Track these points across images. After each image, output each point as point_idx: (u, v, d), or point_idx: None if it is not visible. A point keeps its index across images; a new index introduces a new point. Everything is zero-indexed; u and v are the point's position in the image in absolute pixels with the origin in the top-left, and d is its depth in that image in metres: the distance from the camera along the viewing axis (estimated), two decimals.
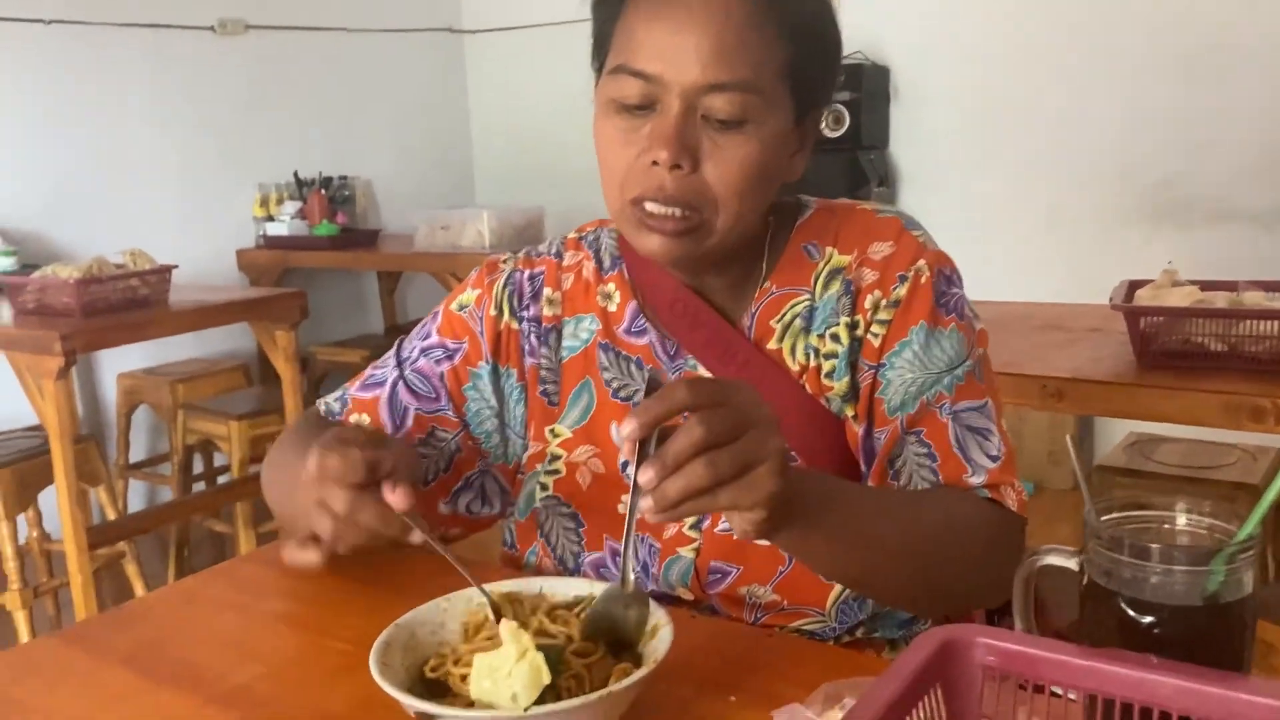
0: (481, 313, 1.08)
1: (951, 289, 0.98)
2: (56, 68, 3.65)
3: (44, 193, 3.63)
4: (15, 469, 2.75)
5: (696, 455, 0.69)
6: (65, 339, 2.52)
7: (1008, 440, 0.98)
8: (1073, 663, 0.60)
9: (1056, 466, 3.61)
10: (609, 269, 1.07)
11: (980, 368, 0.99)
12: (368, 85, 4.64)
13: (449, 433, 1.07)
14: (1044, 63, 3.65)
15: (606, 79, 0.93)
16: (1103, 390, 1.73)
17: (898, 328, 0.96)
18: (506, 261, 1.11)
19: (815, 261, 1.00)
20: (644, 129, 0.90)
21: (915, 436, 0.96)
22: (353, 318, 4.65)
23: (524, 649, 0.68)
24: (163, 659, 0.88)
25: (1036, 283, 3.27)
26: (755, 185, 0.92)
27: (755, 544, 0.96)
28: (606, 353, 1.04)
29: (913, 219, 1.02)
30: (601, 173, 0.95)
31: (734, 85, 0.88)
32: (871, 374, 0.97)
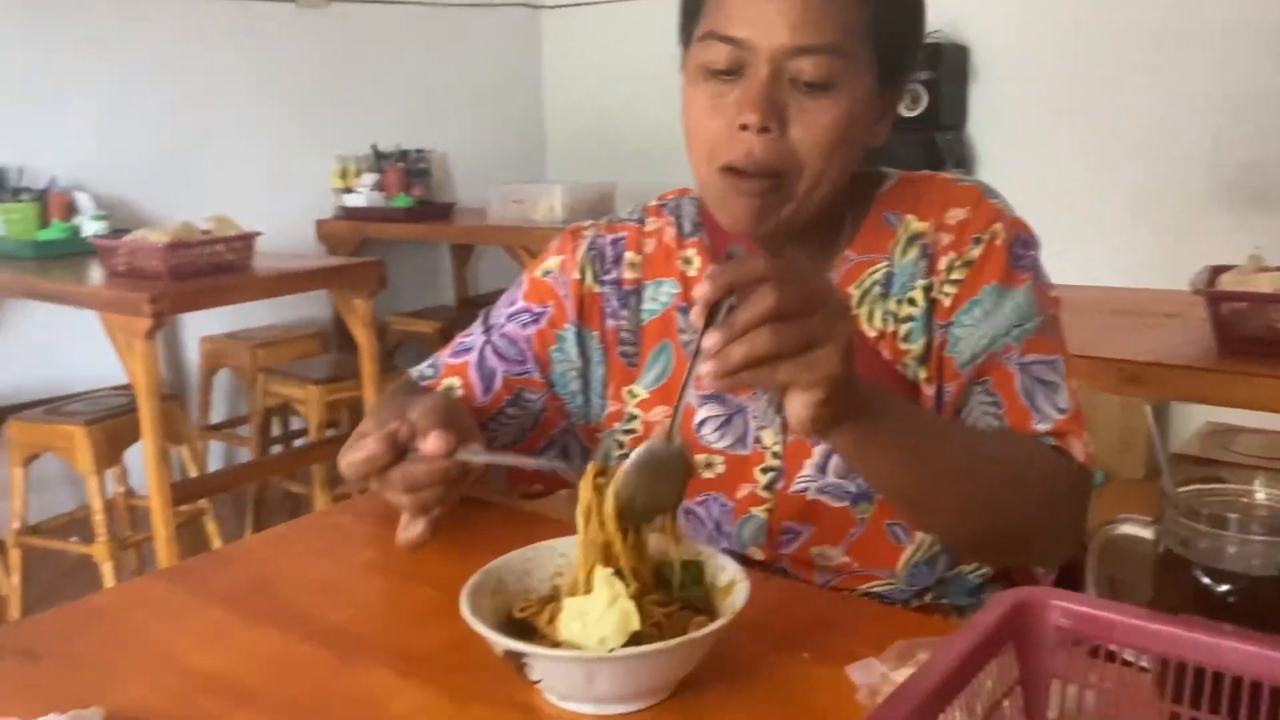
0: (565, 277, 1.11)
1: (1028, 251, 0.99)
2: (148, 39, 3.75)
3: (134, 160, 3.74)
4: (104, 426, 2.85)
5: (763, 324, 0.70)
6: (154, 301, 2.61)
7: (1076, 397, 0.98)
8: (1147, 627, 0.61)
9: (1128, 455, 3.55)
10: (689, 234, 1.10)
11: (1051, 327, 0.99)
12: (445, 60, 4.70)
13: (536, 394, 1.10)
14: (1131, 43, 3.57)
15: (695, 47, 0.95)
16: (1181, 375, 1.71)
17: (969, 287, 0.97)
18: (589, 229, 1.14)
19: (894, 229, 1.02)
20: (732, 95, 0.92)
21: (982, 386, 0.97)
22: (426, 289, 4.72)
23: (615, 595, 0.71)
24: (259, 599, 0.93)
25: (1119, 268, 3.21)
26: (840, 148, 0.93)
27: (827, 505, 0.98)
28: (685, 316, 1.07)
29: (992, 188, 1.03)
30: (688, 142, 0.97)
31: (821, 48, 0.89)
32: (942, 332, 0.98)
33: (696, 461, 1.02)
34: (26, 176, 3.39)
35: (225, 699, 0.77)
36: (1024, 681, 0.63)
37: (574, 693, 0.71)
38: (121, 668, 0.82)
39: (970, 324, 0.97)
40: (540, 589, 0.81)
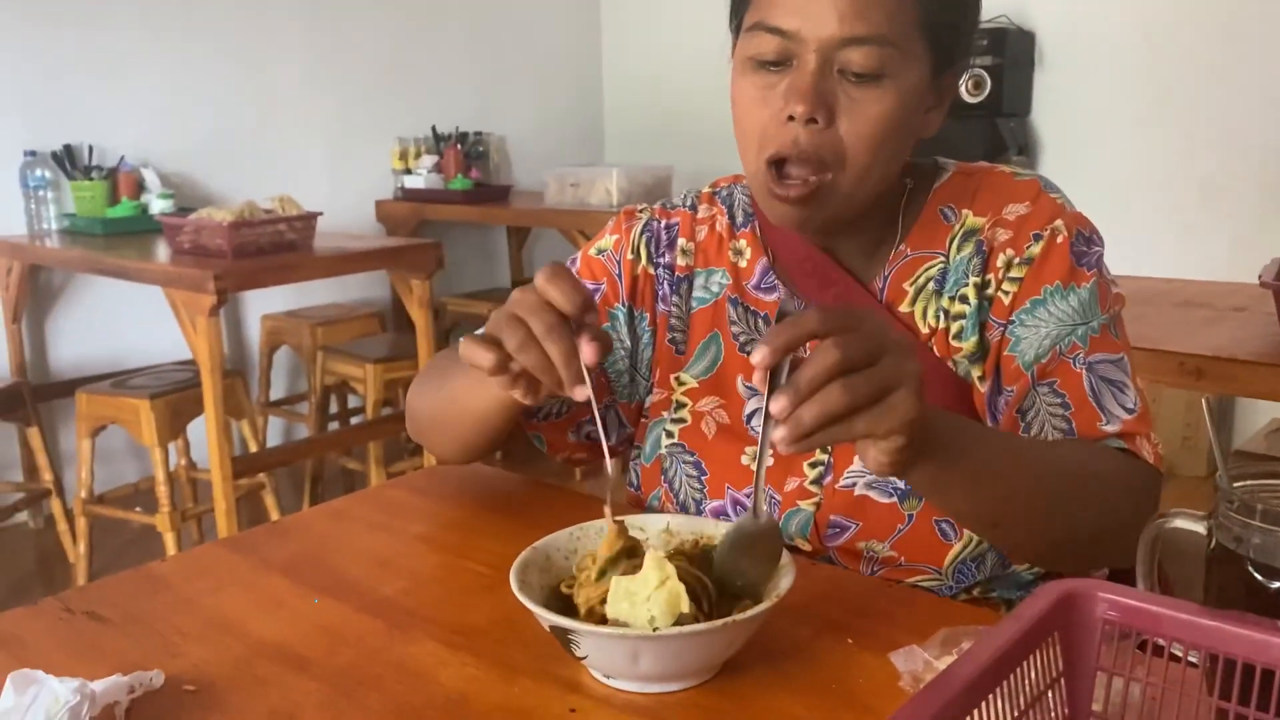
0: (619, 256, 1.11)
1: (1091, 249, 0.97)
2: (213, 17, 3.82)
3: (199, 138, 3.82)
4: (168, 399, 2.92)
5: (831, 380, 0.68)
6: (218, 278, 2.66)
7: (1144, 396, 0.96)
8: (1197, 622, 0.60)
9: (1190, 452, 3.49)
10: (741, 225, 1.09)
11: (1115, 324, 0.97)
12: (505, 43, 4.72)
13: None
14: (1202, 32, 3.48)
15: (744, 37, 0.94)
16: (1245, 369, 1.68)
17: (1030, 285, 0.95)
18: (643, 211, 1.14)
19: (951, 224, 1.00)
20: (780, 86, 0.91)
21: (1048, 387, 0.95)
22: (482, 271, 4.76)
23: (665, 576, 0.71)
24: (316, 569, 0.95)
25: (1186, 260, 3.15)
26: (889, 141, 0.92)
27: (874, 500, 0.98)
28: (735, 307, 1.07)
29: (1052, 182, 1.01)
30: (736, 133, 0.96)
31: (870, 39, 0.88)
32: (1000, 331, 0.96)
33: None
34: (96, 155, 3.47)
35: (281, 665, 0.79)
36: (1068, 673, 0.63)
37: (619, 670, 0.72)
38: (182, 633, 0.84)
39: (1033, 324, 0.95)
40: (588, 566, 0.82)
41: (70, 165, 3.40)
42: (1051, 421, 0.95)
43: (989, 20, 3.72)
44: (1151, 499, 0.93)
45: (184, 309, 2.80)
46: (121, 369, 3.35)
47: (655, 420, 1.10)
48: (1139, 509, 0.90)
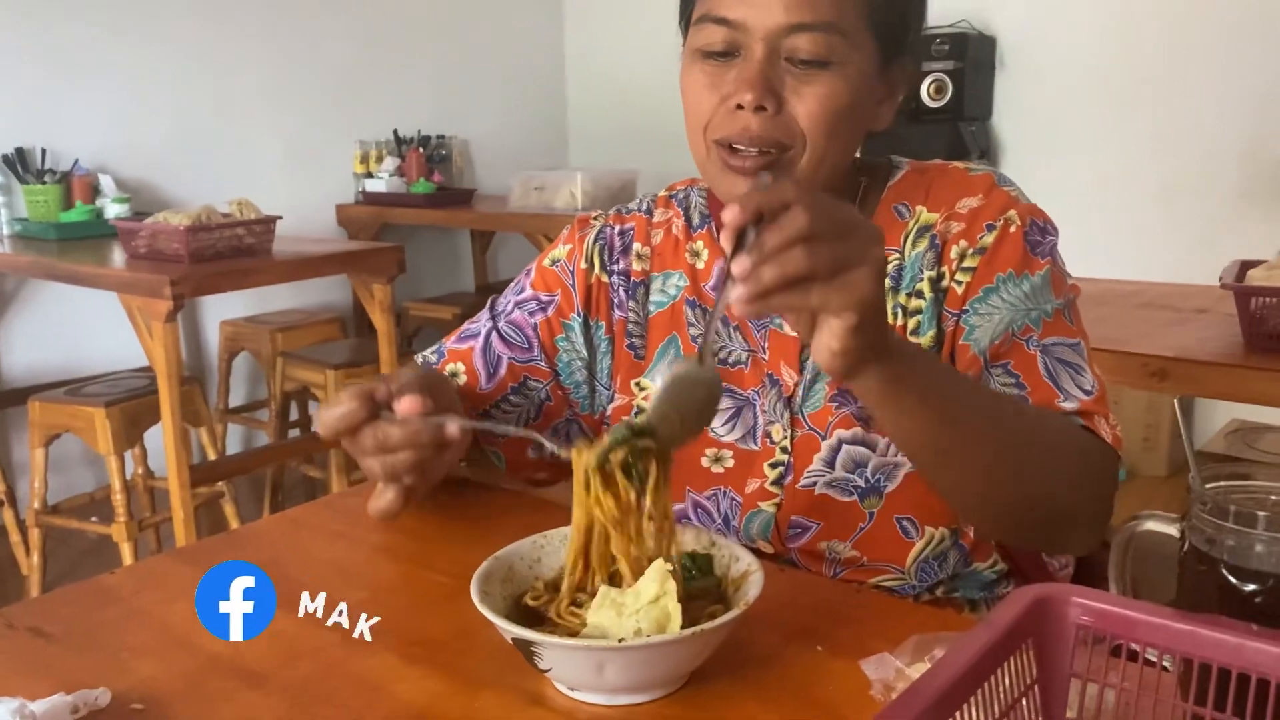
0: (573, 266, 1.11)
1: (1045, 238, 0.97)
2: (171, 21, 3.76)
3: (157, 142, 3.75)
4: (124, 407, 2.86)
5: (795, 244, 0.68)
6: (174, 283, 2.61)
7: (1101, 381, 0.96)
8: (1170, 626, 0.59)
9: (1151, 453, 3.52)
10: (698, 226, 1.09)
11: (1070, 310, 0.97)
12: (468, 46, 4.69)
13: (540, 382, 1.10)
14: (1161, 36, 3.52)
15: (692, 30, 0.95)
16: (1207, 371, 1.69)
17: (983, 274, 0.95)
18: (597, 218, 1.13)
19: (905, 220, 1.00)
20: (728, 75, 0.92)
21: (1002, 368, 0.94)
22: (446, 275, 4.72)
23: (662, 593, 0.69)
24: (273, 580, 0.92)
25: (1147, 262, 3.17)
26: (842, 124, 0.92)
27: (835, 500, 0.97)
28: (693, 309, 1.07)
29: (1006, 176, 1.01)
30: (686, 121, 0.97)
31: (816, 26, 0.89)
32: (954, 320, 0.96)
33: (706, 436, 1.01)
34: (50, 158, 3.41)
35: (234, 680, 0.77)
36: (1042, 680, 0.62)
37: (584, 682, 0.70)
38: (131, 648, 0.81)
39: (986, 311, 0.95)
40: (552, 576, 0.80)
41: (23, 168, 3.33)
42: None
43: (950, 25, 3.75)
44: (1110, 478, 0.93)
45: (140, 315, 2.74)
46: (76, 376, 3.28)
47: (616, 425, 1.09)
48: (1099, 485, 0.90)
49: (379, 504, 0.89)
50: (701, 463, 1.04)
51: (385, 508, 0.89)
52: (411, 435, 0.84)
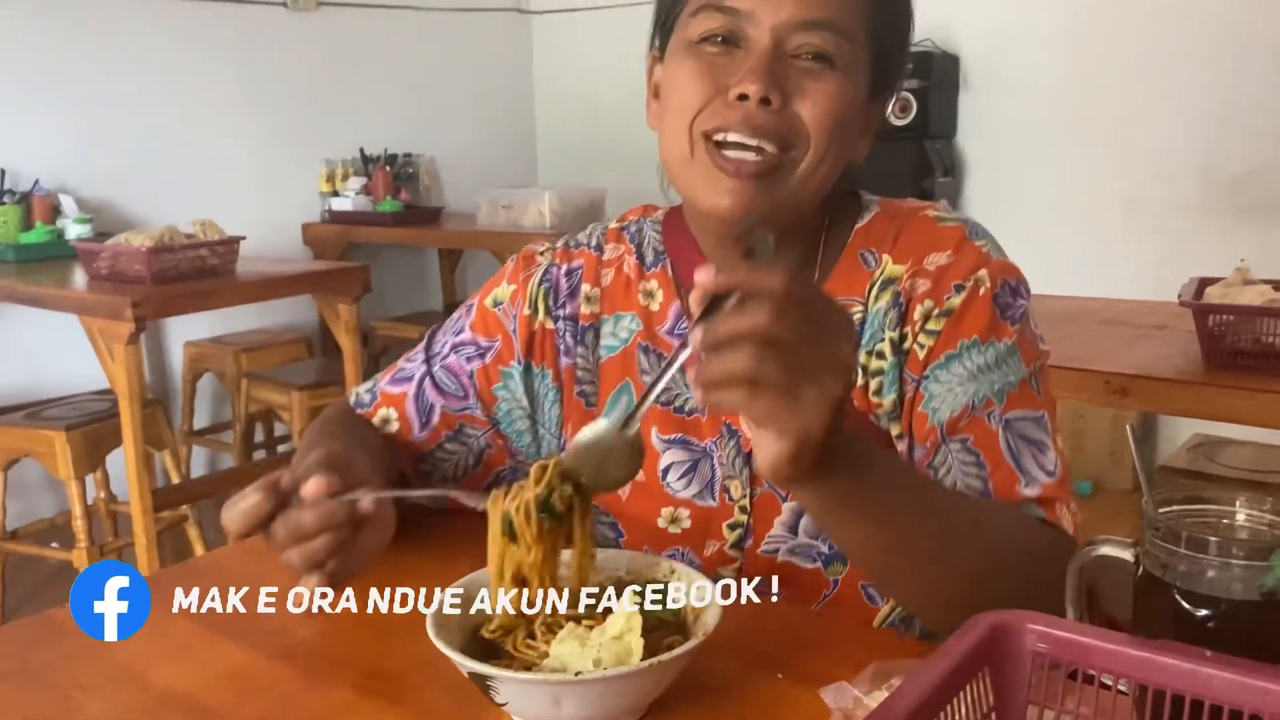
0: (516, 310, 1.04)
1: (1017, 300, 0.91)
2: (135, 41, 3.73)
3: (119, 163, 3.71)
4: (85, 431, 2.83)
5: (748, 340, 0.62)
6: (136, 305, 2.59)
7: (1064, 457, 0.91)
8: (1125, 652, 0.59)
9: (1117, 466, 3.55)
10: (651, 265, 1.03)
11: (1038, 380, 0.91)
12: (435, 64, 4.68)
13: (478, 430, 1.05)
14: (1122, 55, 3.57)
15: (688, 21, 0.89)
16: (1168, 388, 1.71)
17: (947, 339, 0.90)
18: (544, 254, 1.07)
19: (871, 270, 0.95)
20: (729, 65, 0.87)
21: (960, 444, 0.88)
22: (413, 294, 4.70)
23: (628, 629, 0.69)
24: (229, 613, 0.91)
25: (1110, 278, 3.21)
26: (843, 131, 0.88)
27: (798, 566, 0.94)
28: (647, 355, 1.00)
29: (979, 227, 0.95)
30: (668, 117, 0.90)
31: (827, 24, 0.86)
32: (914, 386, 0.91)
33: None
34: (9, 179, 3.36)
35: (184, 718, 0.75)
36: (999, 707, 0.62)
37: (541, 716, 0.70)
38: (80, 685, 0.80)
39: (946, 380, 0.89)
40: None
41: None
42: (965, 480, 0.88)
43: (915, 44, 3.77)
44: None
45: (101, 337, 2.71)
46: (35, 399, 3.23)
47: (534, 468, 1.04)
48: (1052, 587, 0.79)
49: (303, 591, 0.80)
50: (658, 524, 0.99)
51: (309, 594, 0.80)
52: (324, 518, 0.78)
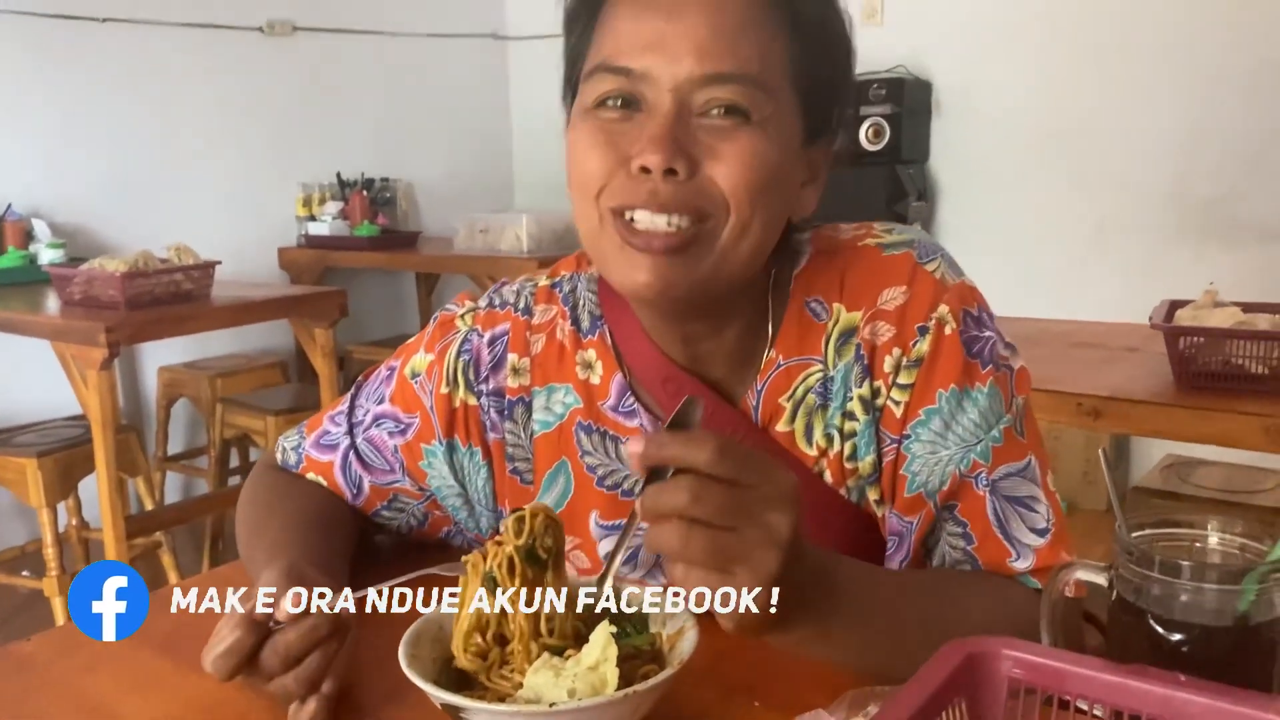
0: (432, 386, 0.95)
1: (983, 332, 0.85)
2: (109, 65, 3.72)
3: (93, 187, 3.69)
4: (57, 457, 2.80)
5: (674, 519, 0.61)
6: (110, 330, 2.57)
7: (1056, 504, 0.86)
8: (1100, 678, 0.60)
9: (1091, 487, 3.57)
10: (589, 331, 0.92)
11: (1021, 420, 0.86)
12: (412, 89, 4.69)
13: (413, 500, 1.00)
14: (1093, 78, 3.62)
15: (583, 88, 0.80)
16: (1140, 410, 1.72)
17: (922, 392, 0.84)
18: (464, 318, 0.97)
19: (823, 322, 0.87)
20: (628, 133, 0.77)
21: (949, 513, 0.85)
22: (390, 318, 4.69)
23: (604, 659, 0.68)
24: (198, 644, 0.89)
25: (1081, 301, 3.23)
26: (768, 191, 0.78)
27: None
28: (589, 435, 0.92)
29: (927, 243, 0.88)
30: (573, 192, 0.81)
31: (737, 76, 0.75)
32: (895, 447, 0.85)
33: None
34: None
35: None
36: None
37: None
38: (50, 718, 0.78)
39: (929, 438, 0.84)
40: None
41: None
42: (952, 554, 0.85)
43: (887, 70, 3.82)
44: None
45: (74, 363, 2.69)
46: (7, 426, 3.19)
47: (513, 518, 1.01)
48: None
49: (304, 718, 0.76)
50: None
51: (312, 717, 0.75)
52: (311, 634, 0.76)
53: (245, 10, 4.08)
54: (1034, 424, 0.88)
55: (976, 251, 0.99)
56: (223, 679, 0.76)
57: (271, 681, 0.76)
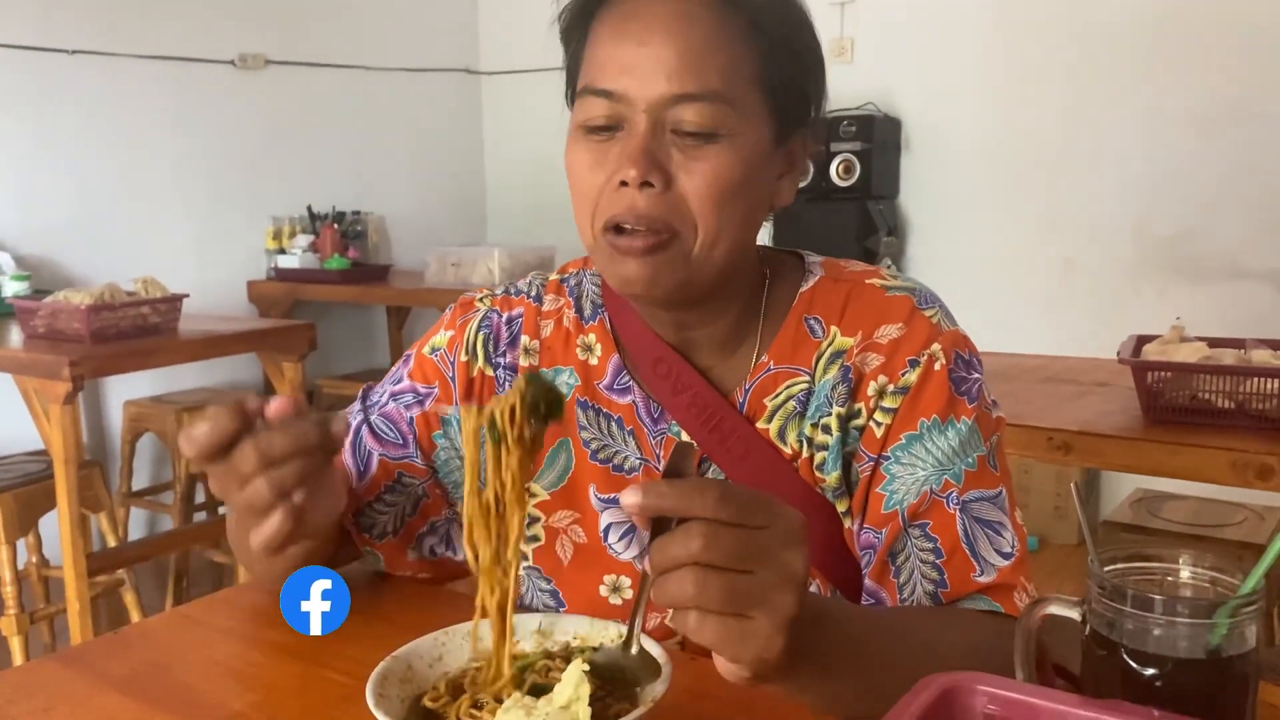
0: (454, 357, 1.02)
1: (971, 374, 0.91)
2: (78, 97, 3.69)
3: (59, 219, 3.66)
4: (17, 493, 2.74)
5: (687, 568, 0.61)
6: (74, 364, 2.53)
7: (1021, 534, 0.90)
8: (1074, 713, 0.59)
9: (1061, 521, 3.59)
10: (590, 318, 1.01)
11: (994, 455, 0.91)
12: (384, 123, 4.69)
13: (416, 479, 1.02)
14: (1060, 116, 3.68)
15: (576, 106, 0.90)
16: (1109, 444, 1.73)
17: (905, 418, 0.89)
18: (483, 300, 1.05)
19: (818, 340, 0.93)
20: (613, 151, 0.86)
21: (920, 530, 0.88)
22: (360, 351, 4.66)
23: (576, 697, 0.67)
24: (160, 684, 0.88)
25: (1049, 336, 3.27)
26: (735, 201, 0.86)
27: None
28: (585, 410, 0.98)
29: (928, 294, 0.95)
30: (574, 204, 0.91)
31: (702, 95, 0.83)
32: (872, 466, 0.90)
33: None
34: None
35: None
36: None
37: None
38: None
39: (909, 461, 0.88)
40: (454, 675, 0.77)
41: None
42: (921, 569, 0.88)
43: (857, 107, 3.87)
44: None
45: (36, 397, 2.64)
46: None
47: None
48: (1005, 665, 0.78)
49: (268, 529, 0.78)
50: (600, 592, 0.96)
51: (273, 532, 0.77)
52: (298, 438, 0.76)
53: (217, 43, 4.08)
54: (1005, 461, 0.93)
55: (945, 286, 1.01)
56: (195, 458, 0.77)
57: (242, 486, 0.77)
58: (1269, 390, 1.70)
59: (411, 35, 4.80)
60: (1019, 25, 3.72)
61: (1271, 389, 1.70)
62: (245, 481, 0.77)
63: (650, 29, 0.84)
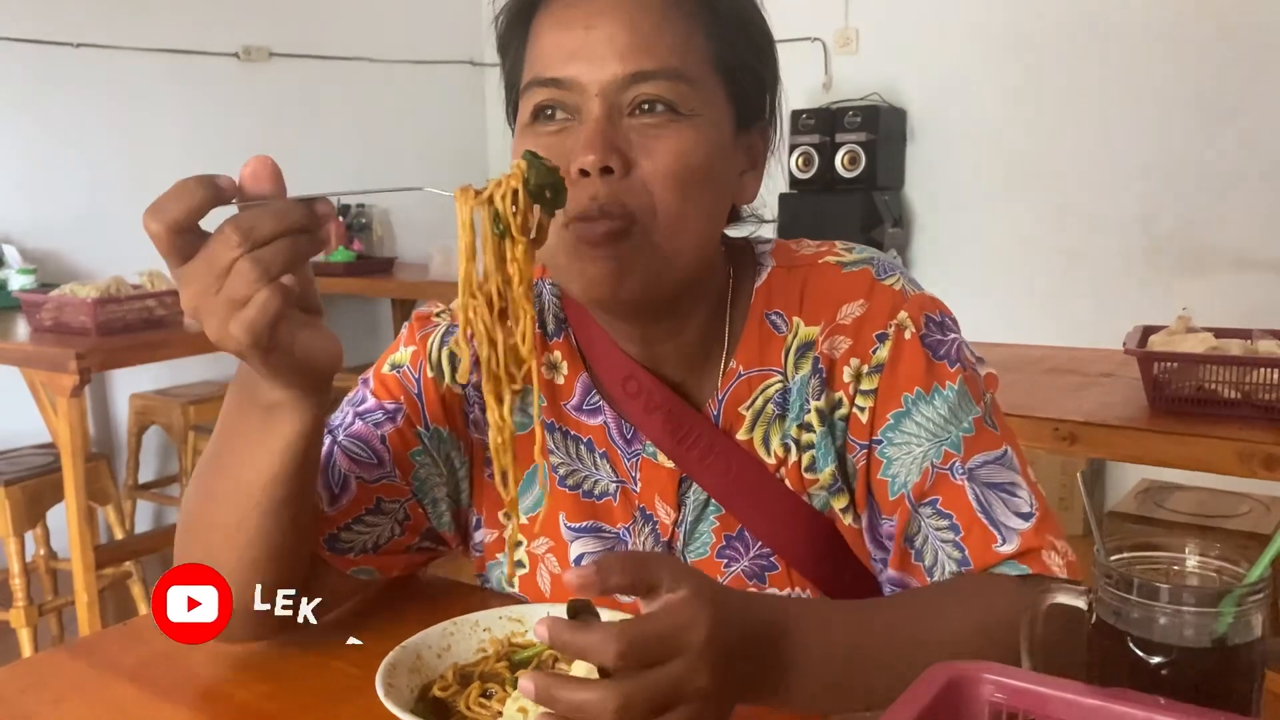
0: (419, 374, 0.95)
1: (947, 335, 0.86)
2: (83, 91, 3.70)
3: (65, 212, 3.67)
4: (25, 486, 2.75)
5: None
6: (80, 357, 2.54)
7: (1039, 492, 0.85)
8: (1081, 701, 0.59)
9: (1067, 511, 3.58)
10: (554, 334, 0.94)
11: (991, 414, 0.86)
12: (388, 115, 4.69)
13: (397, 501, 0.94)
14: (1065, 106, 3.67)
15: (522, 103, 0.84)
16: (1115, 435, 1.73)
17: (887, 396, 0.85)
18: (441, 315, 0.98)
19: (783, 335, 0.89)
20: (567, 144, 0.80)
21: (931, 508, 0.84)
22: (365, 344, 4.67)
23: None
24: (169, 675, 0.88)
25: (1055, 326, 3.27)
26: (699, 184, 0.80)
27: None
28: (553, 433, 0.93)
29: (887, 261, 0.90)
30: None
31: (659, 73, 0.79)
32: (866, 453, 0.86)
33: None
34: None
35: None
36: None
37: None
38: None
39: (902, 441, 0.84)
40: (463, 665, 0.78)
41: None
42: (943, 550, 0.84)
43: (862, 98, 3.86)
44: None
45: (43, 390, 2.65)
46: None
47: (492, 561, 0.98)
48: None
49: (250, 311, 0.67)
50: None
51: (258, 311, 0.67)
52: (282, 214, 0.68)
53: (221, 36, 4.08)
54: (1004, 419, 0.88)
55: (951, 276, 1.01)
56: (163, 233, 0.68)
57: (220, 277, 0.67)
58: (1275, 381, 1.70)
59: (415, 27, 4.79)
60: (1024, 16, 3.71)
61: (1277, 379, 1.70)
62: (225, 270, 0.67)
63: (597, 12, 0.79)
